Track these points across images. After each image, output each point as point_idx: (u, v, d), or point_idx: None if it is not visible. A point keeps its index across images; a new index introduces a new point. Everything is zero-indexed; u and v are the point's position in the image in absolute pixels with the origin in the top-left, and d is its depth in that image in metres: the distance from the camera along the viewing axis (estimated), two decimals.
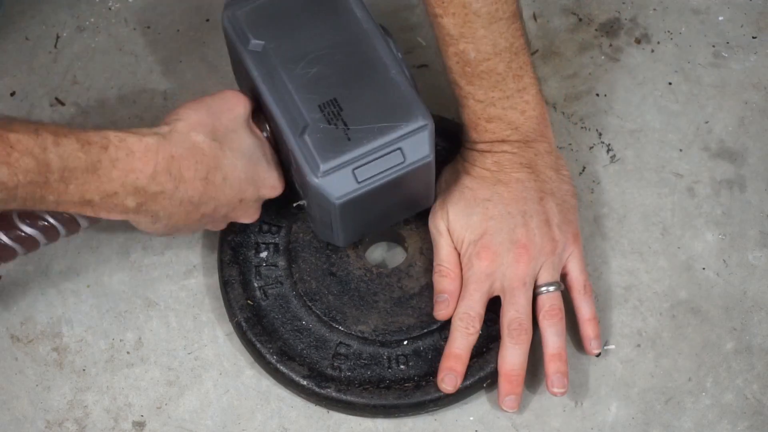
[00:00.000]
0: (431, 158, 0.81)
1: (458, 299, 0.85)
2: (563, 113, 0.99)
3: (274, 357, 0.85)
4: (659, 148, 0.98)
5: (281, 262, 0.89)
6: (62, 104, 0.99)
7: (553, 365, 0.84)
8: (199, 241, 0.92)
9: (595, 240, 0.93)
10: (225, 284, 0.88)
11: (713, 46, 1.03)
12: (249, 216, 0.83)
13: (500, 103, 0.85)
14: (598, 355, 0.87)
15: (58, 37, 1.02)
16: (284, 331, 0.87)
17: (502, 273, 0.84)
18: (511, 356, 0.84)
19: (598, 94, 1.00)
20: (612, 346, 0.89)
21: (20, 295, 0.90)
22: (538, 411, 0.86)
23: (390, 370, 0.85)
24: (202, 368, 0.88)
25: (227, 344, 0.89)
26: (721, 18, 1.05)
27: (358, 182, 0.79)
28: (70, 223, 0.81)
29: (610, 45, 1.03)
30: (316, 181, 0.79)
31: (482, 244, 0.84)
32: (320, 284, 0.88)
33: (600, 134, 0.99)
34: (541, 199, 0.86)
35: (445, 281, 0.86)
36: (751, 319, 0.90)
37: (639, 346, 0.89)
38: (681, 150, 0.98)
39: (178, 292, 0.91)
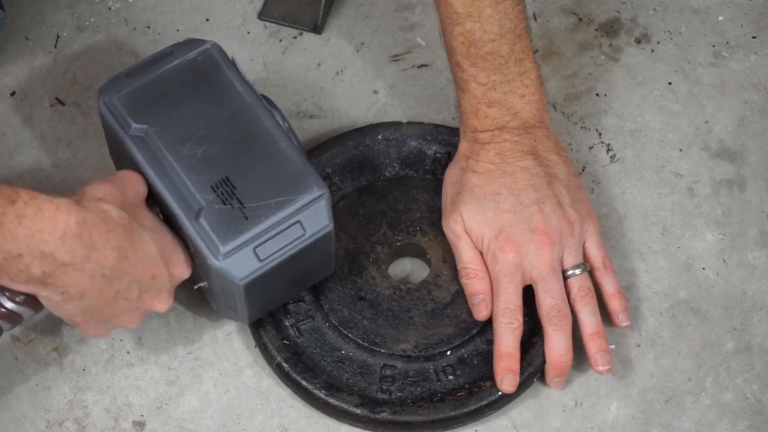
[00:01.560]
0: (331, 227, 0.81)
1: (492, 297, 0.86)
2: (563, 113, 0.99)
3: (323, 391, 0.84)
4: (659, 148, 0.98)
5: (308, 297, 0.88)
6: (62, 104, 0.99)
7: (593, 345, 0.85)
8: None
9: None
10: (258, 328, 0.86)
11: (713, 46, 1.03)
12: (162, 300, 0.79)
13: (501, 87, 0.85)
14: (627, 326, 0.87)
15: (58, 37, 1.02)
16: (326, 364, 0.85)
17: (529, 262, 0.84)
18: (558, 343, 0.84)
19: (597, 94, 1.00)
20: (612, 346, 0.88)
21: None
22: (538, 411, 0.86)
23: (439, 383, 0.85)
24: (202, 368, 0.88)
25: (227, 344, 0.89)
26: (721, 18, 1.05)
27: (261, 260, 0.78)
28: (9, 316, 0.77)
29: (610, 45, 1.03)
30: (217, 263, 0.78)
31: (503, 237, 0.85)
32: (352, 311, 0.87)
33: (600, 134, 0.99)
34: (549, 184, 0.86)
35: (475, 282, 0.86)
36: (751, 319, 0.90)
37: (639, 346, 0.89)
38: (681, 150, 0.98)
39: (178, 292, 0.90)
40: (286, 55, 1.02)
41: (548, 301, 0.84)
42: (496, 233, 0.85)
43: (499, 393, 0.84)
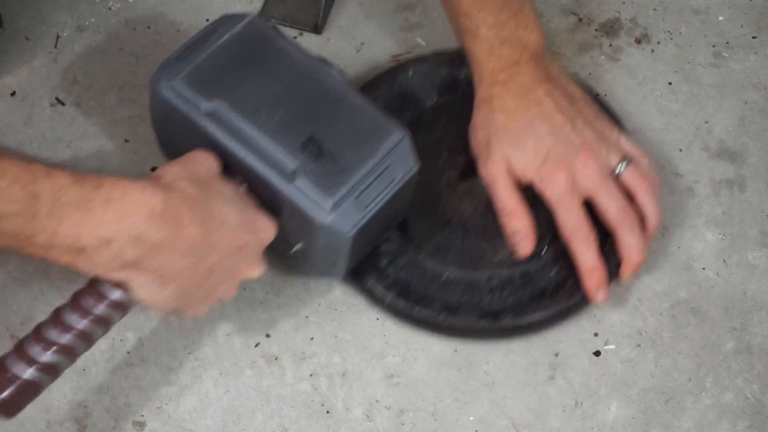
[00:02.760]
0: (418, 166, 0.83)
1: (533, 232, 0.88)
2: None
3: (442, 315, 0.86)
4: (659, 148, 0.98)
5: (394, 236, 0.90)
6: (62, 104, 0.99)
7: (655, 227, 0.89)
8: None
9: None
10: (358, 277, 0.88)
11: (713, 46, 1.03)
12: (255, 267, 0.81)
13: (509, 24, 0.87)
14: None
15: (58, 37, 1.02)
16: (433, 291, 0.88)
17: (582, 178, 0.86)
18: (633, 241, 0.87)
19: (598, 94, 1.00)
20: (612, 346, 0.89)
21: (20, 295, 0.90)
22: (538, 411, 0.87)
23: (544, 281, 0.88)
24: (202, 368, 0.88)
25: (227, 344, 0.89)
26: (721, 18, 1.05)
27: (364, 209, 0.80)
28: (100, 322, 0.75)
29: (610, 45, 1.03)
30: (325, 220, 0.79)
31: (551, 162, 0.86)
32: (442, 236, 0.90)
33: None
34: (572, 103, 0.89)
35: (515, 220, 0.88)
36: (751, 319, 0.91)
37: (639, 346, 0.89)
38: (681, 150, 0.98)
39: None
40: None
41: (614, 206, 0.86)
42: (542, 161, 0.86)
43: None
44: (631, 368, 0.88)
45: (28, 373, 0.71)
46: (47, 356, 0.72)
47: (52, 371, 0.72)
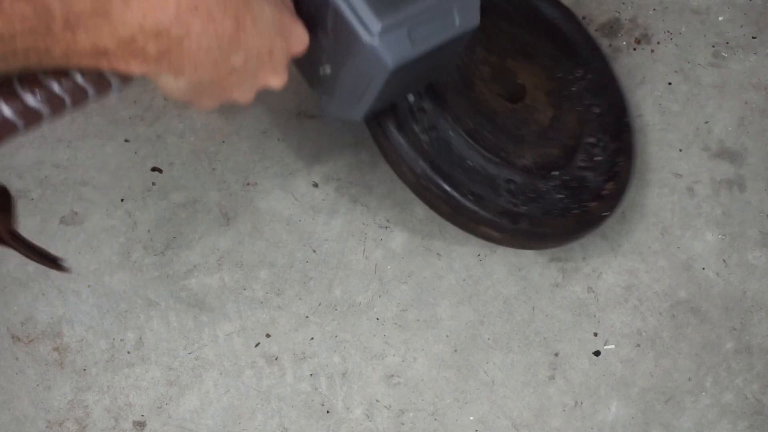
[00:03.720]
0: (478, 24, 0.75)
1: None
2: None
3: (469, 197, 0.86)
4: (659, 148, 0.98)
5: (428, 106, 0.87)
6: None
7: None
8: (199, 240, 0.92)
9: (595, 240, 0.93)
10: (390, 138, 0.85)
11: (713, 46, 1.03)
12: (278, 75, 0.74)
13: None
14: None
15: None
16: (457, 174, 0.87)
17: None
18: None
19: None
20: (612, 346, 0.89)
21: (21, 295, 0.90)
22: (538, 411, 0.87)
23: (550, 202, 0.89)
24: (202, 368, 0.88)
25: (227, 344, 0.89)
26: (721, 18, 1.05)
27: (413, 44, 0.72)
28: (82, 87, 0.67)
29: (610, 45, 1.03)
30: (369, 41, 0.70)
31: None
32: (474, 122, 0.89)
33: None
34: None
35: None
36: (751, 319, 0.91)
37: (639, 345, 0.89)
38: (681, 150, 0.98)
39: (179, 292, 0.91)
40: None
41: None
42: None
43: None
44: (631, 368, 0.88)
45: (7, 111, 0.65)
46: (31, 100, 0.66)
47: (31, 117, 0.66)
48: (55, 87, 0.67)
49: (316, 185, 0.95)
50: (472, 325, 0.90)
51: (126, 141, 0.97)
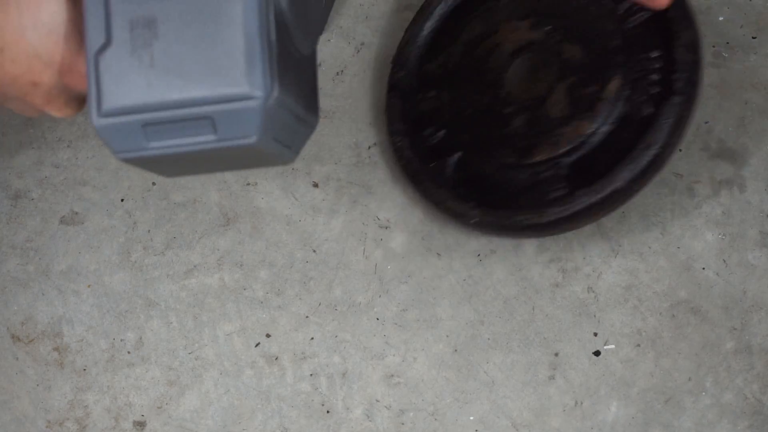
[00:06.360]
0: (256, 140, 0.57)
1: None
2: None
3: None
4: None
5: (442, 91, 0.93)
6: None
7: None
8: (199, 240, 0.93)
9: (595, 240, 0.93)
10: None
11: (713, 46, 1.03)
12: (55, 107, 0.65)
13: None
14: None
15: None
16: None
17: None
18: None
19: None
20: (612, 346, 0.89)
21: (21, 295, 0.90)
22: (538, 411, 0.87)
23: (554, 190, 0.90)
24: (202, 368, 0.88)
25: (228, 344, 0.89)
26: (721, 18, 1.05)
27: (148, 144, 0.58)
28: None
29: None
30: (95, 122, 0.58)
31: None
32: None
33: None
34: None
35: None
36: (751, 319, 0.91)
37: (639, 345, 0.89)
38: (681, 150, 0.98)
39: (179, 292, 0.91)
40: None
41: None
42: None
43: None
44: (631, 368, 0.88)
45: None
46: None
47: None
48: None
49: (316, 185, 0.95)
50: (472, 325, 0.90)
51: None
